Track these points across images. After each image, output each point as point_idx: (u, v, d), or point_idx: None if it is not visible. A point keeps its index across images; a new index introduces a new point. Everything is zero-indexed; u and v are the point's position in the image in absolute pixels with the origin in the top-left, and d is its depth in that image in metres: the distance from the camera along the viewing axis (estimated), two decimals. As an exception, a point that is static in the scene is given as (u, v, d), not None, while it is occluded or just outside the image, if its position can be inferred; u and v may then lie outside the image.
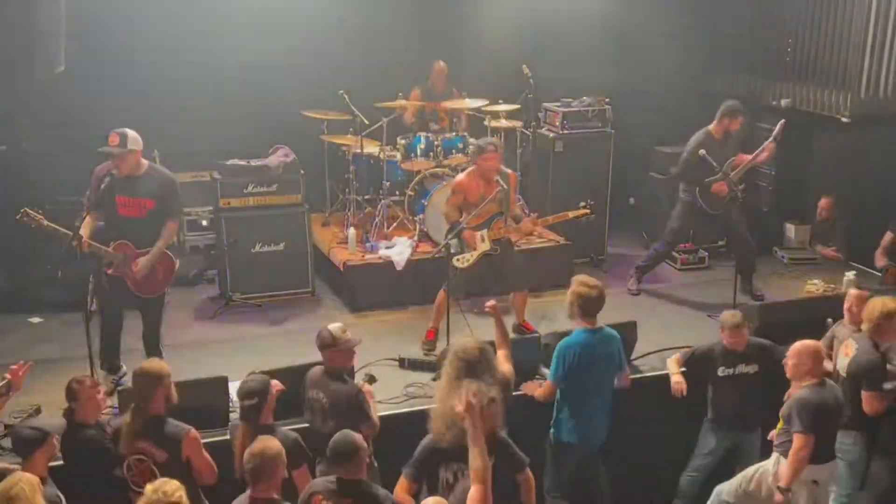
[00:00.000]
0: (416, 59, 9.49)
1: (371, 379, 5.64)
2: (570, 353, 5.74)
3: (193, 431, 4.91)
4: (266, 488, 4.44)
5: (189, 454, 4.88)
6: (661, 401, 6.33)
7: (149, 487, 4.10)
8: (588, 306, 5.78)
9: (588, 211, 7.29)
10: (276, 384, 5.11)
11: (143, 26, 8.70)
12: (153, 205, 6.34)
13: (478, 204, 7.07)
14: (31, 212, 6.06)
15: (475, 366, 4.90)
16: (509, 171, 7.50)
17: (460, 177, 7.37)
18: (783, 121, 8.18)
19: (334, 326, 5.45)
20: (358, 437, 4.58)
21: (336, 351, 5.38)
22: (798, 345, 5.62)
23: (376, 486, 4.62)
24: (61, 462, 5.04)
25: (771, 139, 8.12)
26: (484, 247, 7.15)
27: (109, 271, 6.36)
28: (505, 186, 7.11)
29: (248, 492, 4.48)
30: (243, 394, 5.01)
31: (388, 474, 5.13)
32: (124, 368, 6.57)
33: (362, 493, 4.48)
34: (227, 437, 5.47)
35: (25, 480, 4.17)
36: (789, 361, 5.61)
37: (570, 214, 7.37)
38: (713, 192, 8.12)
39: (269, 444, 4.50)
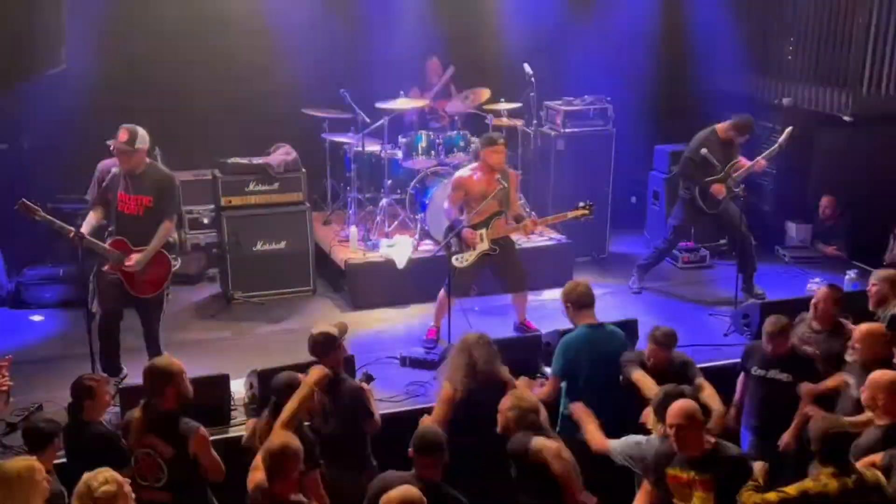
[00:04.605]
0: (418, 57, 9.47)
1: (368, 378, 5.62)
2: (572, 348, 5.73)
3: (202, 429, 4.88)
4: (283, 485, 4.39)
5: (196, 451, 4.85)
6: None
7: (85, 476, 4.01)
8: (579, 300, 5.80)
9: (586, 212, 7.28)
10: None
11: (144, 25, 8.70)
12: (151, 202, 6.32)
13: (479, 201, 7.06)
14: (27, 203, 6.02)
15: None
16: (511, 170, 7.48)
17: (461, 172, 7.35)
18: (790, 128, 8.14)
19: (328, 327, 5.42)
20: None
21: (337, 350, 5.39)
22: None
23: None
24: (64, 460, 5.01)
25: (776, 146, 8.11)
26: (483, 246, 7.14)
27: (106, 268, 6.34)
28: (505, 185, 7.11)
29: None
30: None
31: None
32: (125, 370, 6.55)
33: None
34: (230, 435, 5.47)
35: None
36: None
37: (569, 215, 7.35)
38: (712, 192, 8.11)
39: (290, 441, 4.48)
